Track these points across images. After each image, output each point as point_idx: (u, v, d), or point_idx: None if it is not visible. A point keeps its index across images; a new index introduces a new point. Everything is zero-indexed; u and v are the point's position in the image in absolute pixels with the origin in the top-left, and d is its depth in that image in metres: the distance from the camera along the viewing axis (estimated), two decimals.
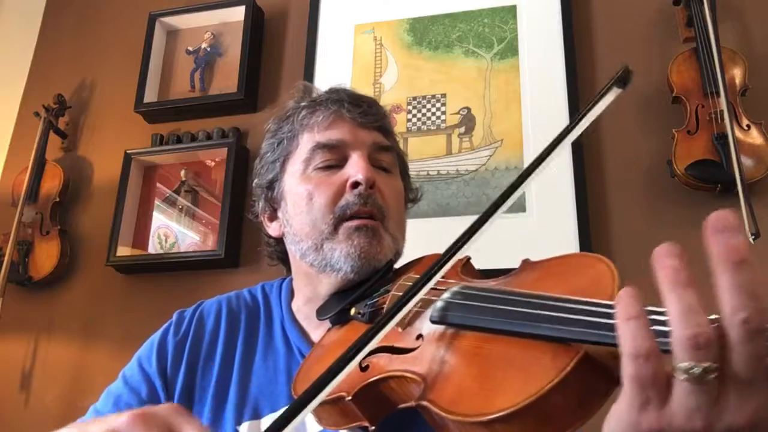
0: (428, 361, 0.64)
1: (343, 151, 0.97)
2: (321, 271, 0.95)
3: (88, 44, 2.45)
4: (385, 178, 0.99)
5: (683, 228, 1.71)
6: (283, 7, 2.30)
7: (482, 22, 2.04)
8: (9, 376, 2.05)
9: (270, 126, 1.08)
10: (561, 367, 0.51)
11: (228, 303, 1.05)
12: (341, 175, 0.96)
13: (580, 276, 0.61)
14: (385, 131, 1.03)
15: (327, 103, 1.00)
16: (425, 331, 0.68)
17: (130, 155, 2.16)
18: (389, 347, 0.70)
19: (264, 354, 0.98)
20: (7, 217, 2.17)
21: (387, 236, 0.94)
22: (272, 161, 1.03)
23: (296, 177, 0.99)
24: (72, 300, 2.11)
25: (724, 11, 1.81)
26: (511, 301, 0.59)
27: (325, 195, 0.94)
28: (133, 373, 0.99)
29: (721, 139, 1.64)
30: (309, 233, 0.95)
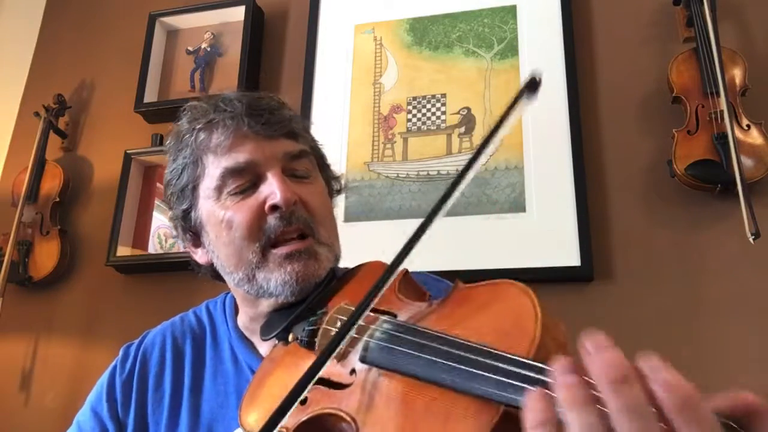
0: (359, 401, 0.64)
1: (254, 170, 0.90)
2: (259, 297, 0.92)
3: (88, 44, 2.45)
4: (305, 186, 0.93)
5: (683, 228, 1.72)
6: (283, 7, 2.30)
7: (482, 22, 2.04)
8: (9, 376, 2.05)
9: (168, 147, 1.01)
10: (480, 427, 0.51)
11: (172, 331, 1.03)
12: (258, 196, 0.89)
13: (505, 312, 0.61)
14: (294, 135, 0.95)
15: (224, 120, 0.92)
16: (357, 367, 0.67)
17: (130, 155, 2.16)
18: (327, 381, 0.69)
19: (213, 377, 0.97)
20: (7, 217, 2.17)
21: (322, 249, 0.90)
22: (181, 189, 0.96)
23: (211, 204, 0.92)
24: (72, 300, 2.11)
25: (724, 11, 1.81)
26: (433, 349, 0.58)
27: (245, 222, 0.88)
28: (86, 419, 0.99)
29: (721, 139, 1.64)
30: (237, 264, 0.90)
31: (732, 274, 1.63)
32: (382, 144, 1.98)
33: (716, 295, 1.62)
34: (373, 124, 2.01)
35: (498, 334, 0.57)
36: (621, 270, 1.71)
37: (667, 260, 1.69)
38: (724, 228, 1.66)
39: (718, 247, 1.66)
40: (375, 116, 2.01)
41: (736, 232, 1.56)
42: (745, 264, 1.62)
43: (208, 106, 0.97)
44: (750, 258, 1.61)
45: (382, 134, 1.99)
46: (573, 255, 1.71)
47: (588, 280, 1.69)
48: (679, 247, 1.69)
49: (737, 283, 1.62)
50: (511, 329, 0.57)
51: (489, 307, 0.64)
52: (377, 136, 1.99)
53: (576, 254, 1.70)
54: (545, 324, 0.55)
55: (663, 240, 1.71)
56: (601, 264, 1.71)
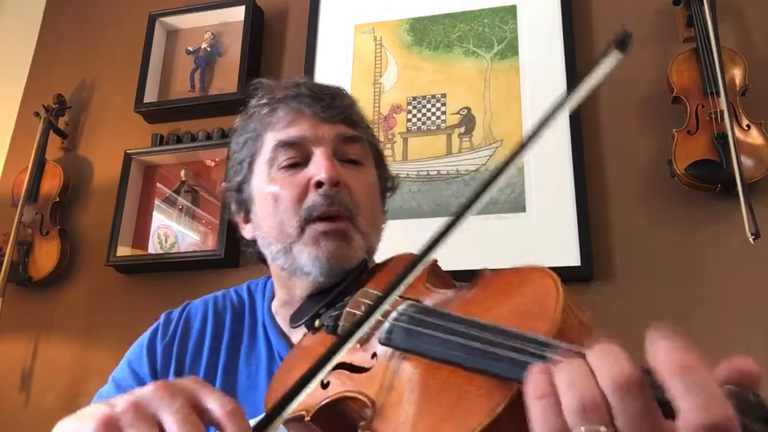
0: (378, 384, 0.64)
1: (305, 148, 0.94)
2: (292, 275, 0.93)
3: (88, 44, 2.45)
4: (353, 172, 0.95)
5: (683, 228, 1.72)
6: (283, 7, 2.30)
7: (482, 22, 2.04)
8: (9, 376, 2.05)
9: (236, 125, 1.05)
10: (493, 407, 0.51)
11: (214, 304, 1.04)
12: (305, 173, 0.93)
13: (527, 294, 0.60)
14: (351, 122, 0.99)
15: (287, 99, 0.97)
16: (378, 351, 0.67)
17: (130, 155, 2.16)
18: (348, 364, 0.69)
19: (247, 358, 0.98)
20: (7, 217, 2.17)
21: (357, 236, 0.91)
22: (239, 162, 1.01)
23: (262, 178, 0.96)
24: (72, 300, 2.11)
25: (724, 11, 1.81)
26: (450, 329, 0.58)
27: (289, 196, 0.92)
28: (125, 376, 0.99)
29: (721, 139, 1.64)
30: (277, 236, 0.93)
31: (732, 274, 1.63)
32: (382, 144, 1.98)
33: (716, 295, 1.62)
34: (373, 124, 2.00)
35: (518, 314, 0.57)
36: (621, 270, 1.71)
37: (667, 260, 1.69)
38: (724, 228, 1.66)
39: (718, 247, 1.66)
40: (375, 116, 2.01)
41: (736, 232, 1.56)
42: (745, 264, 1.62)
43: (275, 86, 1.02)
44: (750, 258, 1.61)
45: (382, 134, 1.99)
46: (573, 255, 1.71)
47: (588, 280, 1.69)
48: (679, 247, 1.69)
49: (737, 283, 1.62)
50: (531, 309, 0.57)
51: (511, 289, 0.63)
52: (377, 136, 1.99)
53: (576, 254, 1.71)
54: (568, 305, 0.55)
55: (663, 240, 1.71)
56: (601, 264, 1.71)
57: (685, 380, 0.41)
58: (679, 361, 0.42)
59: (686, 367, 0.42)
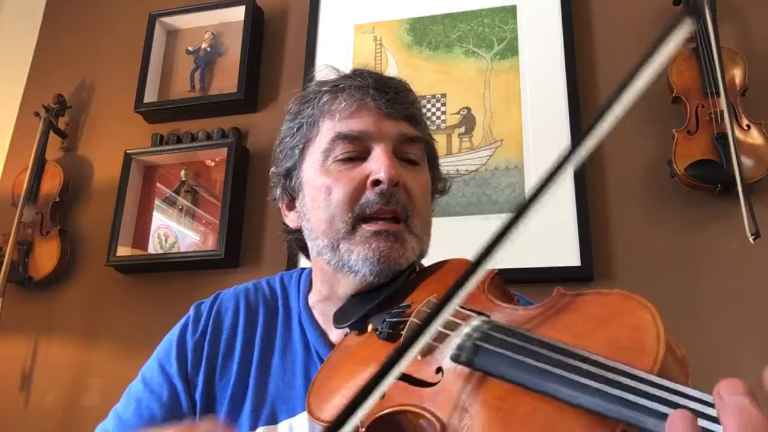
0: (448, 404, 0.59)
1: (365, 143, 0.90)
2: (338, 271, 0.90)
3: (88, 44, 2.45)
4: (411, 172, 0.92)
5: (683, 228, 1.72)
6: (283, 7, 2.30)
7: (482, 22, 2.04)
8: (9, 376, 2.05)
9: (291, 107, 1.01)
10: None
11: (246, 296, 1.01)
12: (363, 169, 0.89)
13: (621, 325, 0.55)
14: (413, 120, 0.95)
15: (351, 89, 0.93)
16: (445, 366, 0.62)
17: (130, 155, 2.16)
18: (408, 376, 0.64)
19: (282, 354, 0.94)
20: (7, 217, 2.17)
21: (411, 238, 0.89)
22: (291, 147, 0.97)
23: (315, 168, 0.92)
24: (72, 300, 2.11)
25: (724, 11, 1.81)
26: (539, 355, 0.54)
27: (344, 191, 0.88)
28: (153, 375, 0.96)
29: (721, 139, 1.64)
30: (325, 231, 0.89)
31: (732, 274, 1.63)
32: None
33: (716, 295, 1.62)
34: None
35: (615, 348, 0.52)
36: (621, 270, 1.71)
37: (667, 260, 1.69)
38: (724, 228, 1.66)
39: (718, 247, 1.66)
40: None
41: (736, 232, 1.56)
42: (745, 264, 1.62)
43: (339, 73, 0.98)
44: (750, 258, 1.61)
45: None
46: (573, 255, 1.71)
47: (588, 280, 1.69)
48: (679, 247, 1.69)
49: (737, 283, 1.62)
50: (629, 344, 0.52)
51: (602, 317, 0.58)
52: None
53: (576, 254, 1.71)
54: (668, 342, 0.51)
55: (663, 240, 1.71)
56: (601, 264, 1.71)
57: None
58: None
59: None
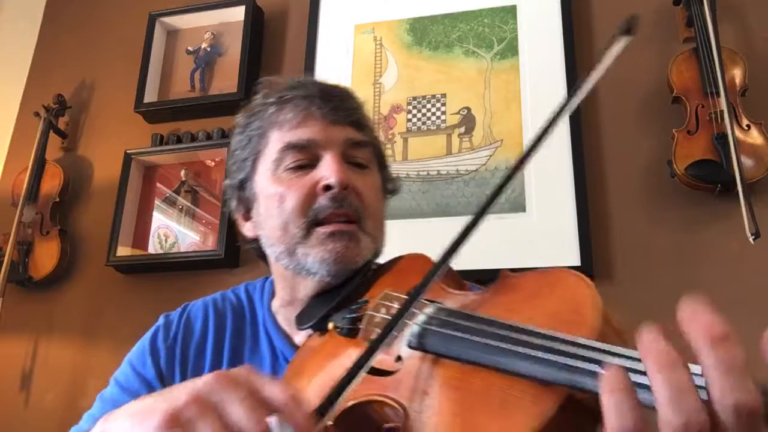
0: (408, 389, 0.62)
1: (314, 150, 0.93)
2: (297, 274, 0.92)
3: (88, 44, 2.45)
4: (360, 175, 0.95)
5: (683, 228, 1.72)
6: (283, 7, 2.30)
7: (482, 22, 2.04)
8: (9, 376, 2.05)
9: (238, 120, 1.03)
10: (543, 411, 0.49)
11: (214, 304, 1.03)
12: (313, 176, 0.92)
13: (561, 299, 0.58)
14: (359, 125, 0.98)
15: (296, 99, 0.96)
16: (404, 354, 0.65)
17: (130, 155, 2.16)
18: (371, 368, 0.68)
19: (251, 359, 0.97)
20: (7, 217, 2.17)
21: (365, 237, 0.91)
22: (242, 159, 0.99)
23: (267, 178, 0.95)
24: (72, 300, 2.11)
25: (724, 11, 1.81)
26: (488, 333, 0.56)
27: (296, 198, 0.90)
28: (128, 378, 0.98)
29: (721, 139, 1.64)
30: (281, 237, 0.92)
31: (732, 274, 1.63)
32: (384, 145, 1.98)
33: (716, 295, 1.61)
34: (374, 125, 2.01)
35: (556, 321, 0.55)
36: (621, 270, 1.71)
37: (667, 260, 1.69)
38: (724, 228, 1.66)
39: (718, 247, 1.66)
40: (375, 116, 2.01)
41: (736, 232, 1.56)
42: (745, 264, 1.62)
43: (284, 84, 1.00)
44: (750, 258, 1.61)
45: (382, 134, 1.99)
46: (573, 255, 1.71)
47: None
48: (679, 247, 1.69)
49: (737, 283, 1.62)
50: (569, 316, 0.55)
51: (544, 294, 0.61)
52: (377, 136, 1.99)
53: (576, 254, 1.70)
54: (606, 313, 0.53)
55: (663, 240, 1.71)
56: (601, 264, 1.71)
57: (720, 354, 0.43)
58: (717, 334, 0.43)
59: (722, 340, 0.43)
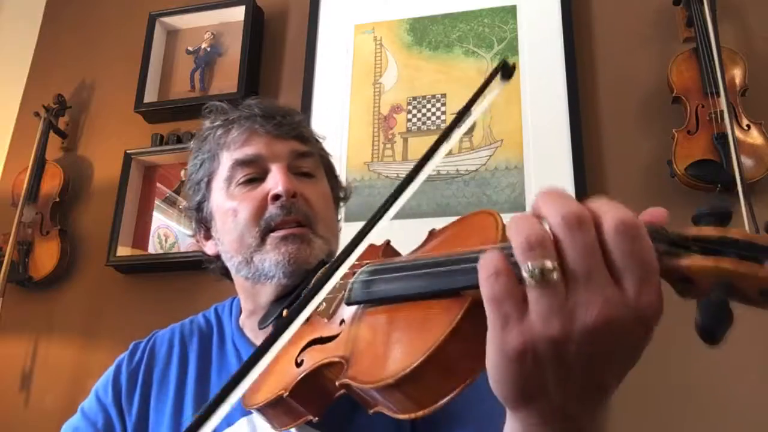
0: (348, 341, 0.67)
1: (262, 164, 0.98)
2: (256, 282, 0.96)
3: (88, 44, 2.45)
4: (308, 184, 1.00)
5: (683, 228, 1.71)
6: (283, 7, 2.30)
7: (482, 22, 2.04)
8: (9, 376, 2.05)
9: (192, 146, 1.10)
10: (451, 318, 0.53)
11: (181, 329, 1.08)
12: (263, 188, 0.97)
13: (469, 231, 0.65)
14: (303, 138, 1.03)
15: (240, 119, 1.01)
16: (346, 316, 0.71)
17: (130, 155, 2.16)
18: (317, 339, 0.72)
19: (219, 371, 1.01)
20: (7, 217, 2.17)
21: (317, 239, 0.96)
22: (197, 182, 1.04)
23: (221, 195, 1.00)
24: (72, 300, 2.11)
25: (724, 11, 1.81)
26: (405, 268, 0.63)
27: (248, 210, 0.95)
28: (91, 405, 1.04)
29: (721, 139, 1.64)
30: (238, 248, 0.96)
31: None
32: (382, 144, 1.98)
33: None
34: (373, 124, 2.01)
35: (462, 246, 0.60)
36: None
37: None
38: None
39: None
40: (375, 116, 2.01)
41: None
42: None
43: (228, 108, 1.07)
44: None
45: (382, 134, 1.99)
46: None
47: None
48: None
49: None
50: (476, 241, 0.60)
51: (456, 233, 0.69)
52: (377, 136, 1.99)
53: None
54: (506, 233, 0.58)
55: None
56: None
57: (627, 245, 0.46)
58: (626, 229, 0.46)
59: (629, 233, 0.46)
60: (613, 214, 0.46)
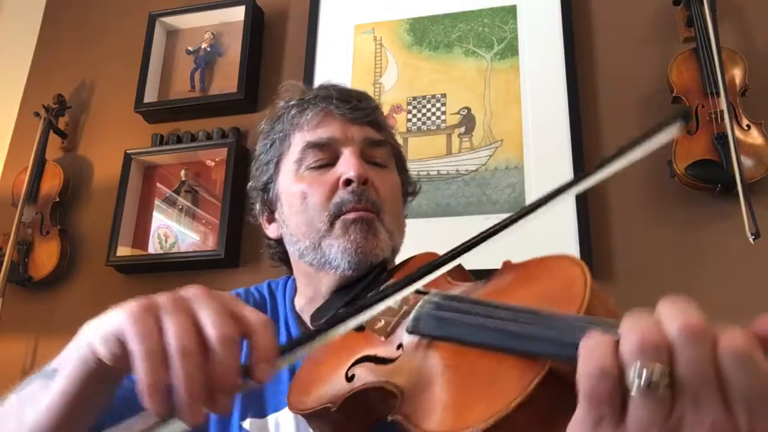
0: (406, 372, 0.64)
1: (334, 148, 0.96)
2: (320, 270, 0.94)
3: (88, 44, 2.45)
4: (379, 173, 0.98)
5: (683, 228, 1.72)
6: (283, 7, 2.30)
7: (482, 22, 2.04)
8: (9, 376, 2.05)
9: (263, 127, 1.08)
10: (526, 384, 0.50)
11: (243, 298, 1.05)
12: (334, 173, 0.95)
13: (554, 280, 0.61)
14: (377, 125, 1.01)
15: (316, 100, 0.99)
16: (404, 341, 0.68)
17: (130, 155, 2.16)
18: (372, 356, 0.70)
19: None
20: (7, 217, 2.17)
21: (383, 231, 0.93)
22: (266, 162, 1.03)
23: (290, 177, 0.98)
24: (72, 300, 2.11)
25: (724, 11, 1.81)
26: (475, 314, 0.59)
27: (318, 194, 0.94)
28: None
29: (721, 139, 1.64)
30: (306, 232, 0.95)
31: (732, 274, 1.63)
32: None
33: (716, 295, 1.62)
34: None
35: (545, 299, 0.57)
36: (621, 270, 1.71)
37: (667, 260, 1.69)
38: (724, 228, 1.66)
39: (718, 247, 1.66)
40: None
41: (736, 232, 1.56)
42: (745, 264, 1.62)
43: (305, 88, 1.06)
44: (750, 258, 1.61)
45: None
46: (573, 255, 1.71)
47: None
48: (679, 247, 1.69)
49: (737, 283, 1.62)
50: (559, 294, 0.57)
51: (538, 276, 0.64)
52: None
53: (576, 254, 1.70)
54: (595, 290, 0.55)
55: (663, 240, 1.71)
56: (601, 264, 1.71)
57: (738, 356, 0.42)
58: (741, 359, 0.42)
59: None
60: (733, 339, 0.43)
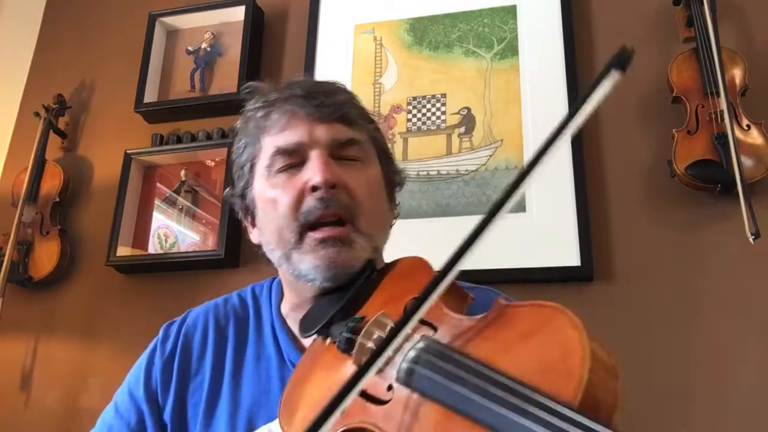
0: (396, 420, 0.63)
1: (302, 151, 0.92)
2: (298, 280, 0.92)
3: (88, 44, 2.45)
4: (353, 170, 0.92)
5: (683, 228, 1.72)
6: (283, 7, 2.30)
7: (482, 22, 2.04)
8: (9, 376, 2.05)
9: (236, 128, 1.04)
10: None
11: (215, 312, 1.02)
12: (301, 176, 0.90)
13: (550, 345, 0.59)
14: (348, 120, 0.95)
15: (280, 101, 0.95)
16: (395, 385, 0.66)
17: (130, 155, 2.16)
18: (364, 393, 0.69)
19: (255, 363, 0.96)
20: (7, 217, 2.17)
21: (359, 238, 0.89)
22: (241, 166, 0.99)
23: (263, 182, 0.94)
24: (72, 300, 2.11)
25: (724, 11, 1.81)
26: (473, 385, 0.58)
27: (287, 200, 0.90)
28: (124, 400, 0.99)
29: (721, 139, 1.64)
30: (278, 242, 0.92)
31: (732, 274, 1.63)
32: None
33: (716, 295, 1.62)
34: None
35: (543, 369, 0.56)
36: (621, 270, 1.71)
37: (667, 260, 1.69)
38: (724, 228, 1.66)
39: (718, 247, 1.66)
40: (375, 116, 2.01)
41: (736, 232, 1.56)
42: (745, 264, 1.62)
43: (270, 88, 1.00)
44: (750, 258, 1.61)
45: None
46: (573, 255, 1.71)
47: (588, 280, 1.69)
48: (679, 247, 1.69)
49: (737, 283, 1.62)
50: (556, 365, 0.56)
51: (534, 335, 0.62)
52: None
53: (576, 254, 1.70)
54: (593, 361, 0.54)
55: (663, 240, 1.71)
56: (601, 264, 1.71)
57: None
58: None
59: None
60: None
